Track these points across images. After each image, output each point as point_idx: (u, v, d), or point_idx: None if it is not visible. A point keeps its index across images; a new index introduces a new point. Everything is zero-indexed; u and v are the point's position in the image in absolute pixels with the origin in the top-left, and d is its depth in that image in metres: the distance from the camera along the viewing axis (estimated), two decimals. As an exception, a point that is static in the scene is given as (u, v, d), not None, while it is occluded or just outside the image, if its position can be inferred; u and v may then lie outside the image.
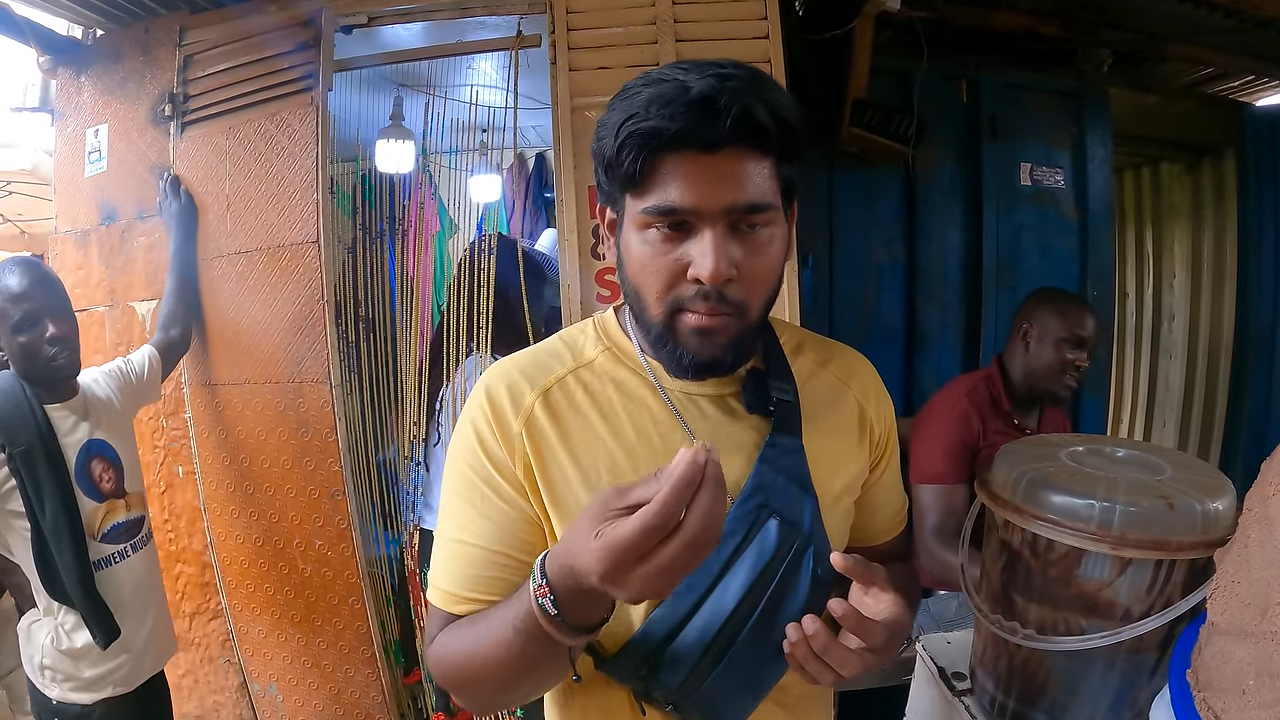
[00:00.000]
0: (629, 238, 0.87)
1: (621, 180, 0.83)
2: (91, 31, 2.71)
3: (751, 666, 0.87)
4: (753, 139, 0.81)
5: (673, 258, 0.83)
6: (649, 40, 2.25)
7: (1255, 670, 0.84)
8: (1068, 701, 1.16)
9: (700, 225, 0.82)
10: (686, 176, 0.80)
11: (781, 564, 0.88)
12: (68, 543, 1.81)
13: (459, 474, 0.94)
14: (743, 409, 0.95)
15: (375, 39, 2.62)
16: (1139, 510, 1.05)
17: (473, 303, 2.49)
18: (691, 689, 0.85)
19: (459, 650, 0.88)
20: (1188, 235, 4.50)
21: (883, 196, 3.25)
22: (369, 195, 2.81)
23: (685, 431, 0.93)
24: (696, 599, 0.87)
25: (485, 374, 0.97)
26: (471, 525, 0.92)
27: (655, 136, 0.79)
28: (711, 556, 0.87)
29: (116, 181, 2.65)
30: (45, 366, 1.86)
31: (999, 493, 1.19)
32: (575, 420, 0.93)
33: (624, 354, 0.98)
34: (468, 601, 0.91)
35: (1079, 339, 2.21)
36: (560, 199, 2.29)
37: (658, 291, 0.85)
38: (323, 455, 2.43)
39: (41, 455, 1.82)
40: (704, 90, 0.78)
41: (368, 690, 2.55)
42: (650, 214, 0.82)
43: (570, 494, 0.90)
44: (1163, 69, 3.63)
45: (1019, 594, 1.16)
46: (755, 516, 0.89)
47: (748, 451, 0.94)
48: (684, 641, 0.86)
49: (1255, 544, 0.92)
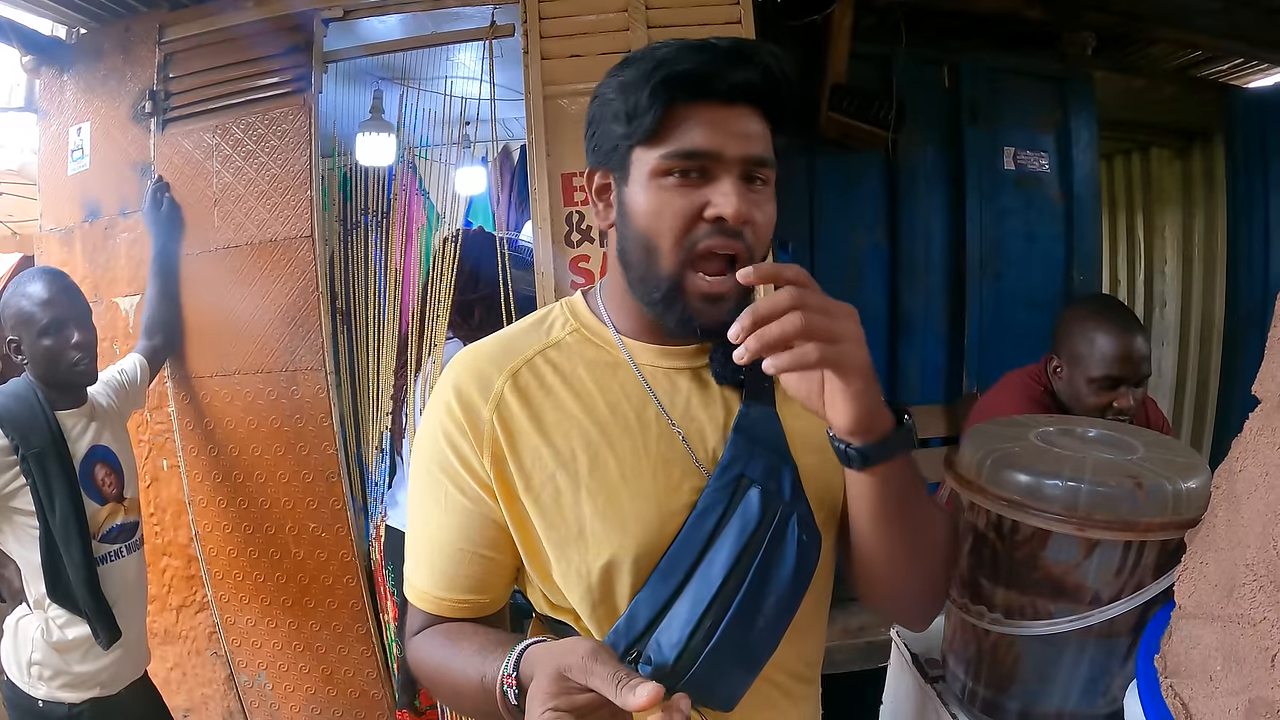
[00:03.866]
0: (637, 191, 0.87)
1: (642, 130, 0.84)
2: (74, 31, 2.73)
3: (744, 640, 0.85)
4: (765, 99, 0.85)
5: (690, 200, 0.84)
6: (621, 28, 2.25)
7: (1222, 655, 0.82)
8: (1039, 688, 1.13)
9: (718, 171, 0.84)
10: (709, 123, 0.83)
11: (767, 533, 0.86)
12: (76, 543, 1.86)
13: (425, 471, 0.94)
14: (714, 381, 0.95)
15: (353, 32, 2.63)
16: (1106, 490, 1.01)
17: (448, 293, 2.50)
18: (685, 669, 0.83)
19: (435, 664, 0.92)
20: (1178, 221, 4.48)
21: (864, 182, 3.24)
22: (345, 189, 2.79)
23: (658, 406, 0.92)
24: (682, 577, 0.85)
25: (450, 365, 0.96)
26: (440, 523, 0.93)
27: (689, 80, 0.82)
28: (695, 532, 0.86)
29: (99, 179, 2.69)
30: (68, 371, 1.94)
31: (964, 473, 1.15)
32: (546, 400, 0.92)
33: (593, 333, 0.97)
34: (443, 602, 0.93)
35: (1113, 379, 1.79)
36: (534, 187, 2.28)
37: (675, 235, 0.85)
38: (317, 439, 2.49)
39: (54, 458, 1.87)
40: (728, 44, 0.84)
41: (362, 668, 2.60)
42: (672, 158, 0.84)
43: (544, 475, 0.89)
44: (1149, 52, 3.61)
45: (985, 577, 1.13)
46: (735, 487, 0.88)
47: (721, 423, 0.93)
48: (673, 620, 0.84)
49: (1222, 523, 0.89)
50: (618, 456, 0.89)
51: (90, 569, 1.88)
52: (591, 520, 0.87)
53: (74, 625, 1.89)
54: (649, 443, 0.90)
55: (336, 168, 2.90)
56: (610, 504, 0.87)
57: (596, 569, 0.87)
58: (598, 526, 0.87)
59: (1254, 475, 0.83)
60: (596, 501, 0.87)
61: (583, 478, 0.88)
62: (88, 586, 1.87)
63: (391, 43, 2.63)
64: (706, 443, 0.91)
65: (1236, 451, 0.89)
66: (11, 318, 1.92)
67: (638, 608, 0.85)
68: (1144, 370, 1.80)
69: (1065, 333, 1.88)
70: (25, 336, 1.90)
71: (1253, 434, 0.86)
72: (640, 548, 0.86)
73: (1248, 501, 0.83)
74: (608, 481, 0.88)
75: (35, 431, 1.86)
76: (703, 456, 0.90)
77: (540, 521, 0.89)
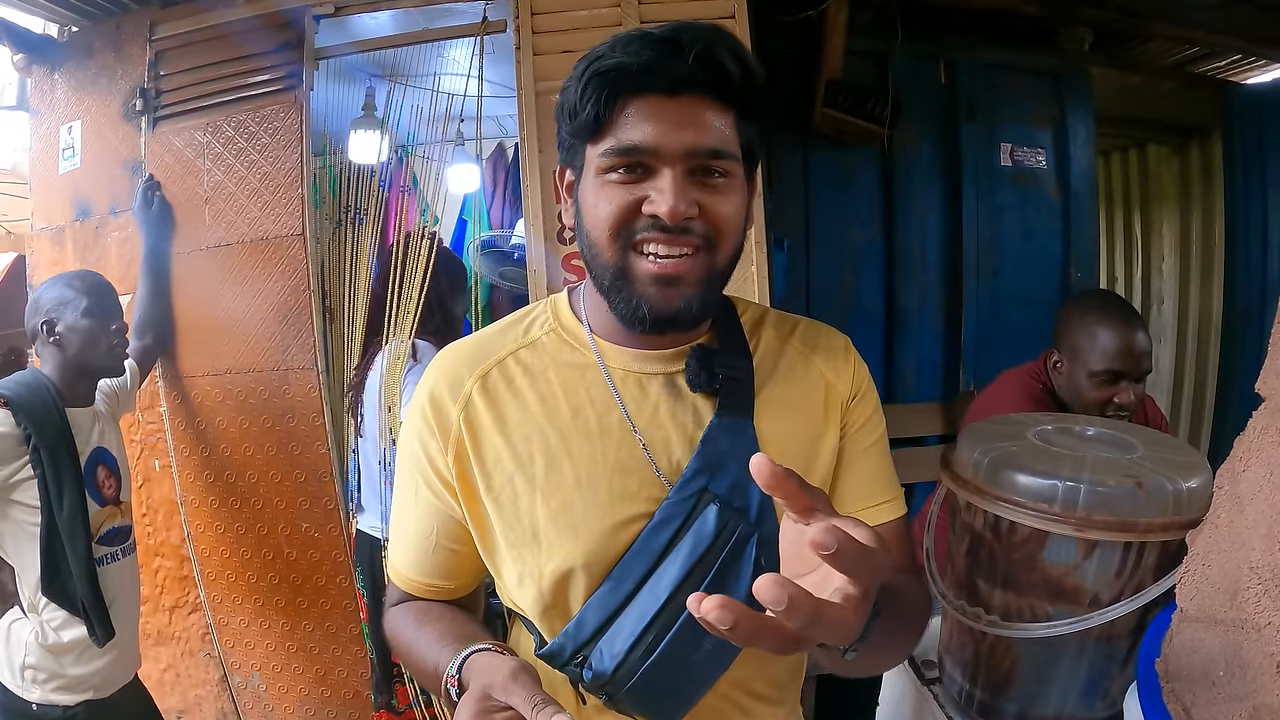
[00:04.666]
0: (587, 188, 0.85)
1: (583, 128, 0.82)
2: (65, 29, 2.72)
3: (686, 659, 0.82)
4: (715, 86, 0.81)
5: (629, 194, 0.82)
6: (613, 23, 2.23)
7: (1225, 660, 0.80)
8: (1036, 691, 1.12)
9: (659, 166, 0.81)
10: (648, 118, 0.80)
11: (721, 552, 0.83)
12: (81, 538, 1.86)
13: (403, 464, 0.98)
14: (688, 388, 0.92)
15: (344, 28, 2.60)
16: (1106, 490, 1.00)
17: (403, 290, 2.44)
18: (624, 679, 0.81)
19: (404, 639, 0.96)
20: (1176, 218, 4.47)
21: (860, 178, 3.22)
22: (334, 186, 2.78)
23: (622, 412, 0.90)
24: (632, 586, 0.84)
25: (430, 366, 0.97)
26: (413, 514, 0.97)
27: (618, 73, 0.79)
28: (649, 543, 0.85)
29: (90, 177, 2.68)
30: (106, 352, 1.98)
31: (961, 473, 1.14)
32: (511, 402, 0.91)
33: (569, 334, 0.95)
34: (415, 583, 0.99)
35: (1114, 374, 1.78)
36: (526, 184, 2.27)
37: (611, 229, 0.82)
38: (310, 439, 2.48)
39: (64, 452, 1.87)
40: (667, 32, 0.80)
41: (356, 668, 2.59)
42: (609, 155, 0.81)
43: (504, 476, 0.89)
44: (1146, 48, 3.59)
45: (983, 579, 1.12)
46: (696, 501, 0.85)
47: (690, 433, 0.90)
48: (619, 630, 0.83)
49: (1225, 524, 0.87)
50: (574, 462, 0.88)
51: (91, 565, 1.88)
52: (545, 524, 0.87)
53: (68, 627, 1.88)
54: (608, 449, 0.89)
55: (328, 165, 2.89)
56: (564, 509, 0.87)
57: (548, 572, 0.87)
58: (550, 531, 0.87)
59: (1258, 475, 0.81)
60: (550, 505, 0.87)
61: (538, 481, 0.88)
62: (89, 582, 1.86)
63: (383, 39, 2.61)
64: (671, 452, 0.89)
65: (1239, 451, 0.87)
66: (51, 300, 1.94)
67: (587, 613, 0.85)
68: (1145, 366, 1.78)
69: (1066, 327, 1.87)
70: (65, 316, 1.93)
71: (1256, 433, 0.84)
72: (590, 555, 0.86)
73: (1252, 503, 0.81)
74: (562, 486, 0.88)
75: (49, 423, 1.86)
76: (665, 466, 0.88)
77: (499, 522, 0.89)
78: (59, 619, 1.88)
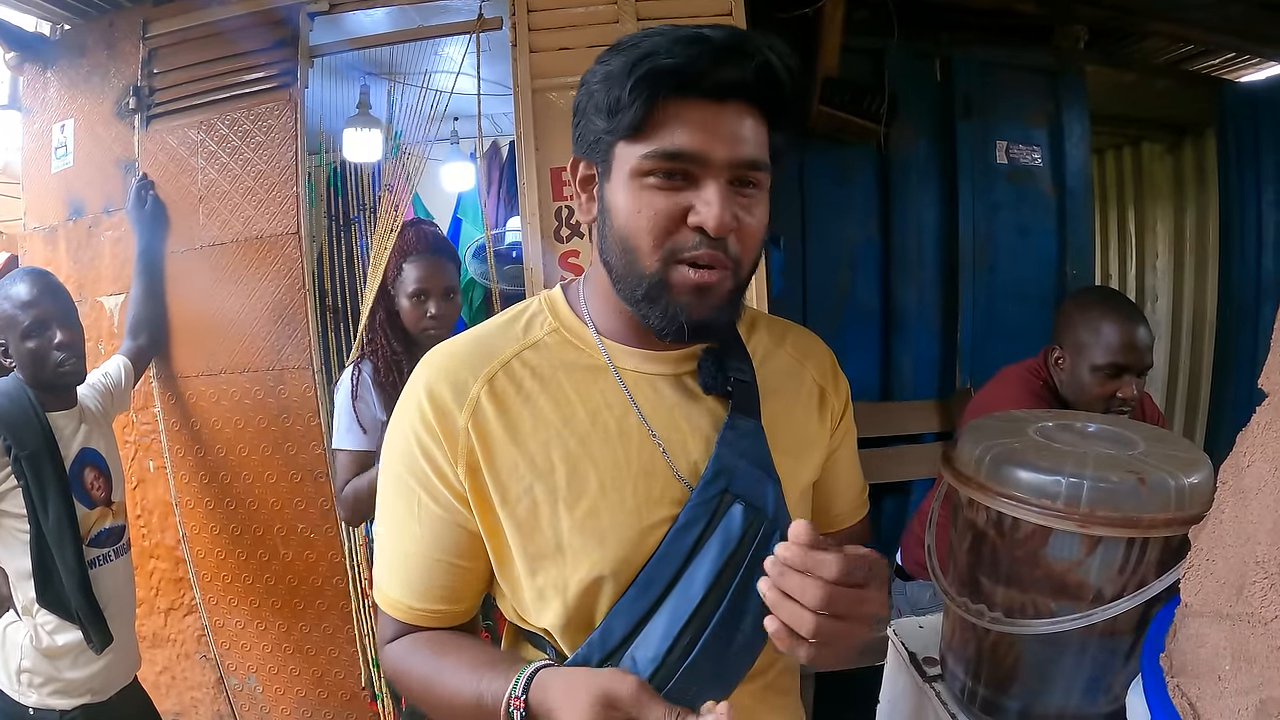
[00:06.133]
0: (618, 189, 0.82)
1: (624, 126, 0.79)
2: (58, 27, 2.71)
3: (720, 656, 0.83)
4: (761, 96, 0.80)
5: (673, 203, 0.79)
6: (610, 20, 2.23)
7: (1231, 654, 0.80)
8: (1039, 688, 1.12)
9: (704, 175, 0.79)
10: (697, 122, 0.78)
11: (749, 550, 0.84)
12: (69, 546, 1.84)
13: (396, 477, 0.90)
14: (699, 390, 0.91)
15: (339, 26, 2.60)
16: (1109, 486, 0.99)
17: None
18: (662, 682, 0.80)
19: (420, 674, 0.89)
20: (1170, 216, 4.50)
21: (856, 176, 3.22)
22: (332, 184, 2.77)
23: (639, 415, 0.88)
24: (660, 591, 0.83)
25: (422, 367, 0.90)
26: (413, 534, 0.89)
27: (676, 75, 0.76)
28: (675, 546, 0.84)
29: (83, 176, 2.67)
30: (53, 373, 1.91)
31: (963, 470, 1.14)
32: (524, 408, 0.87)
33: (574, 334, 0.92)
34: (416, 611, 0.90)
35: (1117, 368, 1.78)
36: (522, 182, 2.26)
37: (654, 240, 0.80)
38: (305, 439, 2.46)
39: (46, 459, 1.85)
40: (726, 38, 0.77)
41: (353, 670, 2.57)
42: (653, 158, 0.78)
43: (521, 487, 0.85)
44: (1141, 46, 3.60)
45: (985, 575, 1.11)
46: (719, 502, 0.85)
47: (706, 434, 0.89)
48: (649, 635, 0.82)
49: (1229, 519, 0.87)
50: (598, 468, 0.86)
51: (83, 572, 1.86)
52: (570, 534, 0.84)
53: (64, 631, 1.87)
54: (630, 454, 0.87)
55: (324, 163, 2.88)
56: (590, 516, 0.84)
57: (574, 583, 0.84)
58: (576, 540, 0.84)
59: (1263, 470, 0.81)
60: (575, 514, 0.84)
61: (560, 490, 0.85)
62: (81, 591, 1.85)
63: (378, 36, 2.60)
64: (689, 454, 0.88)
65: (1244, 446, 0.86)
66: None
67: (614, 620, 0.83)
68: (1148, 360, 1.79)
69: (1069, 322, 1.87)
70: (10, 339, 1.88)
71: (1261, 428, 0.83)
72: (619, 562, 0.84)
73: (1257, 497, 0.81)
74: (587, 494, 0.85)
75: (28, 432, 1.83)
76: (684, 468, 0.87)
77: (515, 535, 0.85)
78: (53, 623, 1.87)
